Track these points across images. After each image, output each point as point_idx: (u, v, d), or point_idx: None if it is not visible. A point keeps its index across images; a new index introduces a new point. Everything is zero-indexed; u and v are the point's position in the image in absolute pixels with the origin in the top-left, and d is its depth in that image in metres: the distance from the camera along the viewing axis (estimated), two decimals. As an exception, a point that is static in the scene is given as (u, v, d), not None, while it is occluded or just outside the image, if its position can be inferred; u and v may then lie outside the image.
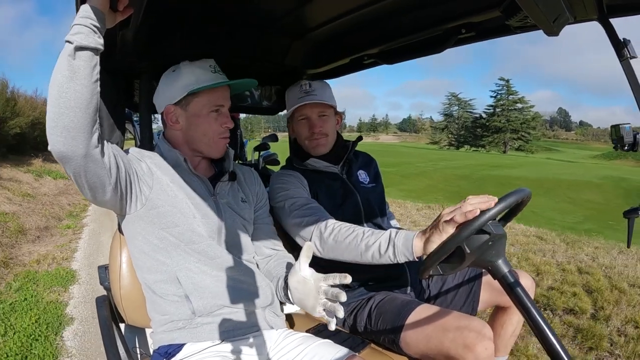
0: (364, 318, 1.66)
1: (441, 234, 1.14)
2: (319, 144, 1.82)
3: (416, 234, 1.26)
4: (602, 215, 13.09)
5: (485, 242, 1.04)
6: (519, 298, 1.01)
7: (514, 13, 1.21)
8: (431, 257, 1.11)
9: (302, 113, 1.83)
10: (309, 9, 1.64)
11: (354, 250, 1.38)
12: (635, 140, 1.23)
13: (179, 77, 1.41)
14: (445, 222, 1.13)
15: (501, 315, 1.80)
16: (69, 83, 1.00)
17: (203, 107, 1.42)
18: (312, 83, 1.83)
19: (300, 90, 1.81)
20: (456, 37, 1.61)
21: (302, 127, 1.84)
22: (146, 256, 1.36)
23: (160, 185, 1.35)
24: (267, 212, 1.65)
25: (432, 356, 1.42)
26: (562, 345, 0.96)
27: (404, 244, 1.26)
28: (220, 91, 1.45)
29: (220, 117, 1.46)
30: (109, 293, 1.68)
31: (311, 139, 1.82)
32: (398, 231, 1.32)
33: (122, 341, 1.48)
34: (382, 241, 1.32)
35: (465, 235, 1.05)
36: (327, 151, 1.86)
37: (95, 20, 1.01)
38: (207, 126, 1.43)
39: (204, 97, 1.42)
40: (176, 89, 1.41)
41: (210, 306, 1.34)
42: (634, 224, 1.35)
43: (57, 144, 1.04)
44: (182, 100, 1.41)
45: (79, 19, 1.01)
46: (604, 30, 1.22)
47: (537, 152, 65.13)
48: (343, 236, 1.41)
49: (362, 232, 1.39)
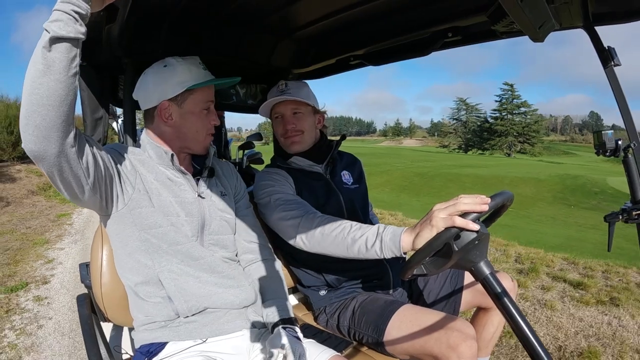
0: (347, 318, 1.66)
1: (432, 230, 1.13)
2: (293, 141, 1.82)
3: (404, 229, 1.25)
4: (519, 205, 15.17)
5: (472, 241, 1.05)
6: (501, 299, 1.02)
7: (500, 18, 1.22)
8: (416, 256, 1.11)
9: (277, 111, 1.84)
10: (295, 9, 1.64)
11: (341, 244, 1.36)
12: (617, 146, 1.26)
13: (174, 73, 1.38)
14: (441, 218, 1.12)
15: (482, 316, 1.82)
16: (42, 78, 0.92)
17: (197, 105, 1.42)
18: (289, 83, 1.83)
19: (276, 90, 1.82)
20: (442, 40, 1.62)
21: (278, 125, 1.86)
22: (127, 257, 1.34)
23: (144, 184, 1.33)
24: (246, 204, 1.63)
25: (416, 356, 1.43)
26: (542, 346, 0.97)
27: (392, 239, 1.25)
28: (211, 89, 1.46)
29: (210, 114, 1.46)
30: (90, 291, 1.65)
31: (285, 136, 1.83)
32: (386, 226, 1.31)
33: (103, 340, 1.46)
34: (369, 235, 1.30)
35: (449, 236, 1.05)
36: (304, 149, 1.85)
37: (78, 5, 0.92)
38: (199, 123, 1.43)
39: (200, 95, 1.41)
40: (172, 85, 1.38)
41: (193, 307, 1.33)
42: (614, 228, 1.38)
43: (29, 143, 0.97)
44: (178, 96, 1.39)
45: (59, 4, 0.91)
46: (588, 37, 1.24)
47: (555, 155, 66.32)
48: (330, 229, 1.40)
49: (350, 226, 1.37)
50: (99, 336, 1.46)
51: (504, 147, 67.54)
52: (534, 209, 15.62)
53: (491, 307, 1.77)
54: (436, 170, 27.59)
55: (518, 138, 67.26)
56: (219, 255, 1.43)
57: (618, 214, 1.31)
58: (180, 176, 1.41)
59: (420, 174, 25.92)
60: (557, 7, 1.20)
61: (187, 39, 1.72)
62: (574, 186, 22.00)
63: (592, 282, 3.97)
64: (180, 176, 1.41)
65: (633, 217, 1.28)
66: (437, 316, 1.44)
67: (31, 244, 5.56)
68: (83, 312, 1.58)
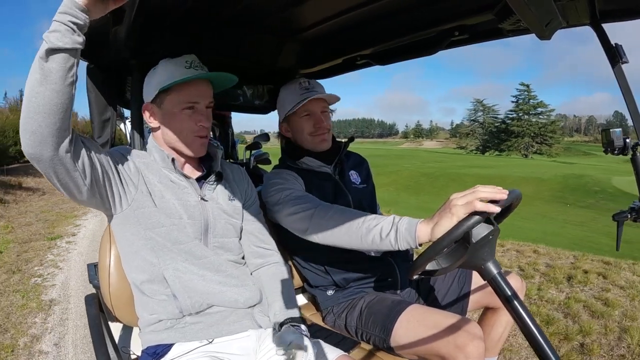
0: (355, 318, 1.66)
1: (452, 218, 1.10)
2: (323, 139, 1.83)
3: (421, 220, 1.22)
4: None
5: (487, 235, 1.04)
6: (509, 299, 1.02)
7: (507, 16, 1.21)
8: (431, 249, 1.07)
9: (306, 109, 1.81)
10: (301, 9, 1.64)
11: (354, 234, 1.33)
12: (625, 144, 1.24)
13: (154, 74, 1.39)
14: (460, 206, 1.09)
15: (490, 316, 1.81)
16: (39, 87, 0.96)
17: (175, 105, 1.37)
18: (310, 81, 1.84)
19: (300, 87, 1.81)
20: (449, 39, 1.61)
21: (306, 123, 1.83)
22: (134, 256, 1.35)
23: (147, 185, 1.34)
24: (257, 209, 1.62)
25: (423, 356, 1.43)
26: (550, 346, 0.97)
27: (408, 229, 1.22)
28: (194, 87, 1.38)
29: (195, 114, 1.39)
30: (98, 291, 1.66)
31: (315, 134, 1.82)
32: (402, 217, 1.28)
33: (111, 340, 1.47)
34: (385, 225, 1.28)
35: (478, 220, 1.04)
36: (329, 147, 1.86)
37: (75, 16, 0.95)
38: (180, 124, 1.38)
39: (175, 95, 1.36)
40: (151, 86, 1.39)
41: (198, 305, 1.34)
42: (623, 226, 1.36)
43: (26, 147, 1.02)
44: (156, 98, 1.38)
45: (58, 15, 0.94)
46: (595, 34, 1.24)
47: (574, 156, 65.96)
48: (344, 219, 1.37)
49: (364, 215, 1.35)
50: (107, 336, 1.47)
51: (520, 148, 66.93)
52: (528, 207, 15.52)
53: (499, 307, 1.76)
54: (442, 171, 28.19)
55: (535, 139, 66.55)
56: (223, 257, 1.43)
57: (627, 213, 1.30)
58: (184, 179, 1.41)
59: (426, 174, 26.73)
60: (564, 4, 1.19)
61: (194, 41, 1.72)
62: (576, 185, 22.29)
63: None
64: (184, 179, 1.41)
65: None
66: (444, 316, 1.43)
67: (63, 218, 7.97)
68: (91, 312, 1.59)
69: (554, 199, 19.31)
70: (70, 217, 8.00)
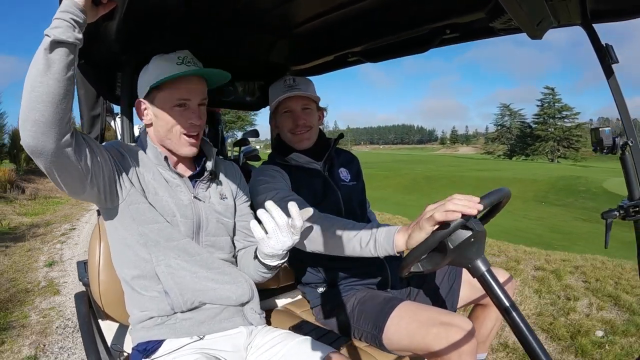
0: (346, 315, 1.66)
1: (421, 232, 1.13)
2: (303, 137, 1.82)
3: (399, 228, 1.24)
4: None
5: (468, 239, 1.05)
6: (498, 296, 1.02)
7: (499, 15, 1.22)
8: (411, 254, 1.10)
9: (286, 106, 1.82)
10: (293, 6, 1.63)
11: (336, 242, 1.36)
12: (614, 143, 1.26)
13: (147, 70, 1.39)
14: (425, 220, 1.12)
15: (480, 312, 1.83)
16: (42, 77, 0.98)
17: (165, 102, 1.36)
18: (296, 78, 1.82)
19: (284, 84, 1.81)
20: (440, 37, 1.62)
21: (286, 120, 1.83)
22: (126, 251, 1.34)
23: (141, 182, 1.34)
24: (248, 207, 1.62)
25: (415, 352, 1.43)
26: (539, 343, 0.98)
27: (386, 239, 1.25)
28: (185, 84, 1.36)
29: (186, 112, 1.37)
30: (87, 289, 1.65)
31: (295, 132, 1.82)
32: (380, 225, 1.31)
33: (101, 338, 1.46)
34: (364, 234, 1.30)
35: (442, 235, 1.05)
36: (311, 145, 1.85)
37: (76, 15, 1.00)
38: (170, 122, 1.36)
39: (166, 91, 1.35)
40: (143, 82, 1.39)
41: (189, 302, 1.34)
42: (611, 224, 1.38)
43: (27, 138, 1.01)
44: (148, 94, 1.38)
45: (60, 13, 0.99)
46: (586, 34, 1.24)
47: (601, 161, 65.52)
48: (324, 228, 1.39)
49: (344, 224, 1.37)
50: (97, 333, 1.46)
51: (546, 152, 66.72)
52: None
53: (488, 304, 1.77)
54: (448, 174, 29.60)
55: (561, 143, 66.16)
56: (215, 255, 1.43)
57: (615, 211, 1.32)
58: (177, 177, 1.40)
59: (427, 177, 28.16)
60: (555, 4, 1.20)
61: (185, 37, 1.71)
62: (563, 186, 22.88)
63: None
64: (177, 177, 1.40)
65: (630, 214, 1.28)
66: (436, 313, 1.44)
67: (80, 209, 9.71)
68: (81, 310, 1.58)
69: (535, 198, 19.69)
70: (86, 210, 9.63)
